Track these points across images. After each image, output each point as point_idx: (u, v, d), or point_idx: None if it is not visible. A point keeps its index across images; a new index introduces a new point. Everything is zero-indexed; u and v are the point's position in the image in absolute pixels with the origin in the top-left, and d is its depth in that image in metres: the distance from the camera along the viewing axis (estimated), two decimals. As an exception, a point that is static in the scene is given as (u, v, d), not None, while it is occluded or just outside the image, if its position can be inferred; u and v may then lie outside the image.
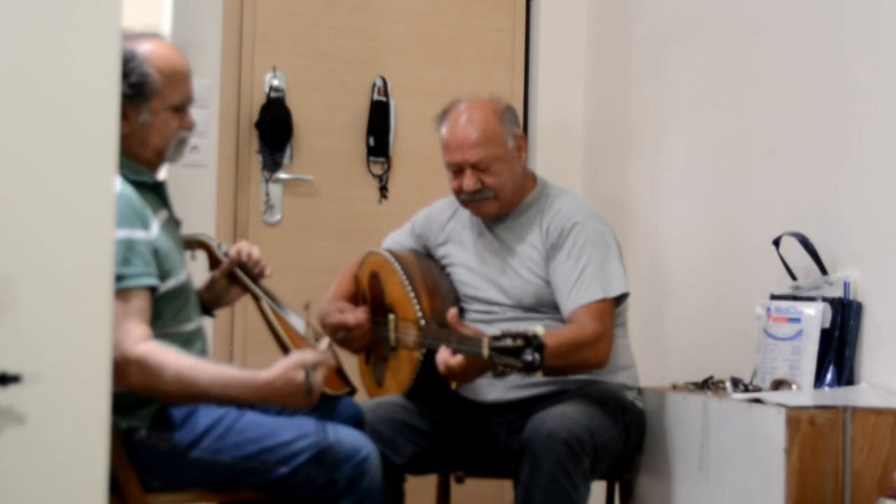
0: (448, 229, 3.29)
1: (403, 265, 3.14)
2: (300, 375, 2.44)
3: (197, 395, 2.46)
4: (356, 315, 3.14)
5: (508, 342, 2.49)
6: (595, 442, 2.87)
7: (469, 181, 3.08)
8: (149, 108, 2.56)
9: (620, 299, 3.09)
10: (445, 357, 2.76)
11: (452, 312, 2.75)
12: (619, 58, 4.16)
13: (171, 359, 2.42)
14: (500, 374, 2.58)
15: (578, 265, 3.03)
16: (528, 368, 2.44)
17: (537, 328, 2.46)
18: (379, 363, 3.23)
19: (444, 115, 3.17)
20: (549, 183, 3.24)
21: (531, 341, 2.44)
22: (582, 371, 3.01)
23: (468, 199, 3.13)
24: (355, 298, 3.31)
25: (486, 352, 2.54)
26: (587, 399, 2.97)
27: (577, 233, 3.07)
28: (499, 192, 3.10)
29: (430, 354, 2.90)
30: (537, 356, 2.43)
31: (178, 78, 2.60)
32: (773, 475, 2.52)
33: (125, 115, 2.53)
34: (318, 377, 2.46)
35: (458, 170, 3.10)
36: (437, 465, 3.18)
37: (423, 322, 2.99)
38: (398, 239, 3.38)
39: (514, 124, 3.16)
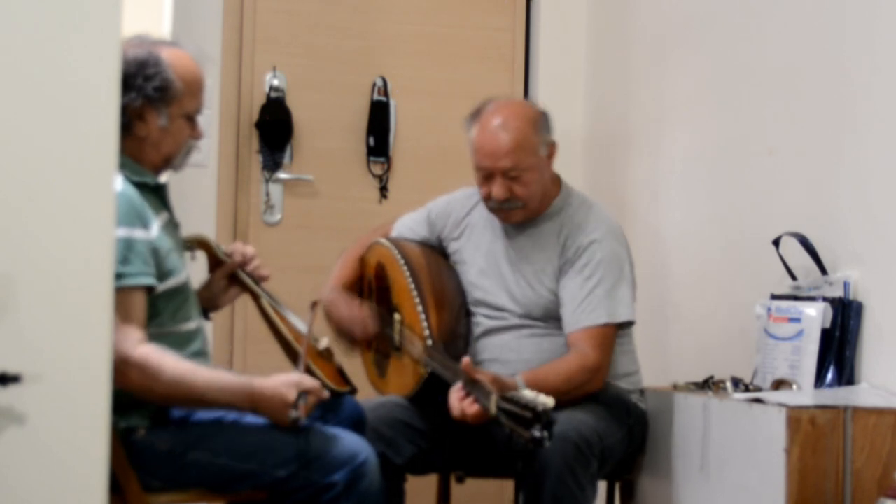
0: (464, 225, 3.25)
1: (411, 268, 3.10)
2: (292, 395, 2.51)
3: (192, 399, 2.52)
4: (363, 322, 3.12)
5: (517, 409, 2.38)
6: (603, 445, 2.86)
7: (499, 189, 3.01)
8: (168, 113, 2.59)
9: (623, 325, 3.06)
10: (462, 403, 2.69)
11: (466, 361, 2.68)
12: (619, 58, 4.16)
13: (169, 362, 2.47)
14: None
15: (588, 284, 3.00)
16: (535, 444, 2.32)
17: (549, 402, 2.34)
18: (382, 355, 3.22)
19: (475, 115, 3.07)
20: (574, 191, 3.18)
21: (541, 417, 2.32)
22: (577, 399, 2.98)
23: (496, 207, 3.09)
24: (360, 284, 3.29)
25: (493, 409, 2.48)
26: (594, 402, 2.96)
27: (593, 251, 3.03)
28: (528, 202, 3.05)
29: (435, 375, 2.89)
30: (546, 434, 2.31)
31: (197, 87, 2.65)
32: (774, 475, 2.52)
33: (144, 118, 2.57)
34: (309, 402, 2.53)
35: (487, 175, 3.03)
36: (437, 465, 3.18)
37: (430, 342, 2.96)
38: (411, 225, 3.32)
39: (548, 131, 3.09)
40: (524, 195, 3.04)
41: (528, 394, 2.39)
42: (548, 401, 2.34)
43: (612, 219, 3.15)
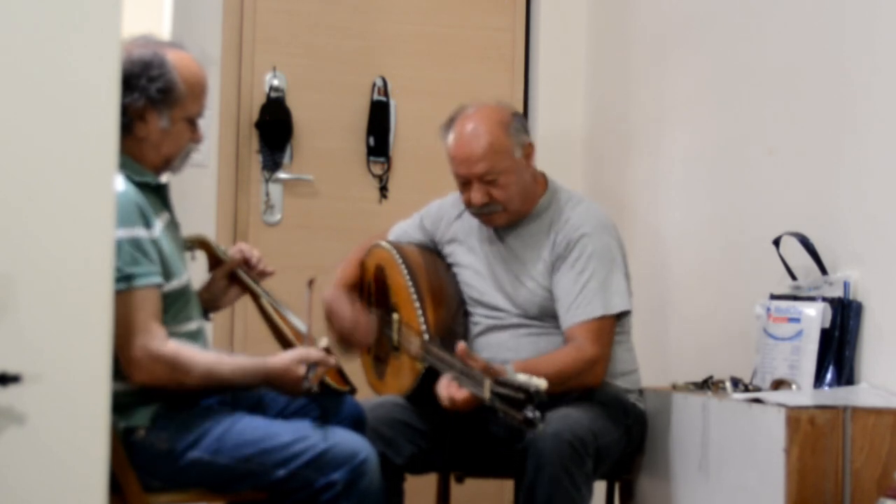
0: (456, 227, 3.26)
1: (410, 267, 3.11)
2: (301, 370, 2.60)
3: (219, 387, 2.62)
4: (364, 326, 3.13)
5: (510, 392, 2.42)
6: (598, 444, 2.86)
7: (477, 195, 3.04)
8: (169, 115, 2.60)
9: (621, 316, 3.06)
10: (450, 390, 2.71)
11: (462, 346, 2.70)
12: (619, 58, 4.16)
13: (197, 355, 2.56)
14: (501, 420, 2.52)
15: (581, 278, 3.01)
16: (528, 425, 2.37)
17: (541, 384, 2.38)
18: (381, 357, 3.23)
19: (449, 123, 3.10)
20: (561, 187, 3.19)
21: (533, 398, 2.36)
22: (576, 391, 2.99)
23: (477, 213, 3.11)
24: (360, 287, 3.30)
25: (487, 394, 2.50)
26: (590, 401, 2.96)
27: (584, 245, 3.04)
28: (507, 205, 3.06)
29: (433, 369, 2.89)
30: (538, 414, 2.35)
31: (200, 91, 2.65)
32: (773, 475, 2.52)
33: (145, 119, 2.58)
34: (318, 374, 2.63)
35: (465, 182, 3.06)
36: (437, 464, 3.18)
37: (426, 336, 2.98)
38: (407, 230, 3.34)
39: (522, 132, 3.09)
40: (503, 198, 3.05)
41: (521, 376, 2.43)
42: (540, 382, 2.38)
43: (601, 212, 3.16)
